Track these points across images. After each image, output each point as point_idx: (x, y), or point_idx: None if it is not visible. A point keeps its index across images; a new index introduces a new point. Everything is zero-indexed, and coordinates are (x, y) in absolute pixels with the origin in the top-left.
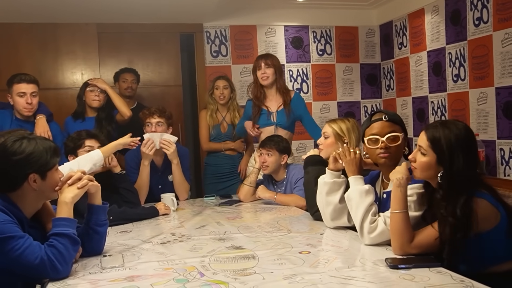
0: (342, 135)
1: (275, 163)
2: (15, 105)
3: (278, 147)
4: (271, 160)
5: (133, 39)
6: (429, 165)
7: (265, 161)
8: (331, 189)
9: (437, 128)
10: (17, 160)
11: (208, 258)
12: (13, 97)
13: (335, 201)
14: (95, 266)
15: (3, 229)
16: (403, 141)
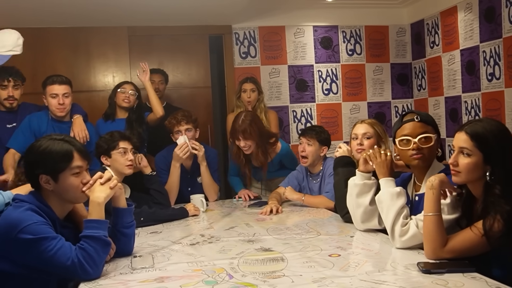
0: (383, 136)
1: (315, 154)
2: (49, 106)
3: (319, 137)
4: (311, 150)
5: (163, 41)
6: (476, 166)
7: (304, 150)
8: (362, 191)
9: (476, 125)
10: (30, 159)
11: (237, 260)
12: (47, 98)
13: (366, 203)
14: (126, 266)
15: (37, 230)
16: (436, 143)
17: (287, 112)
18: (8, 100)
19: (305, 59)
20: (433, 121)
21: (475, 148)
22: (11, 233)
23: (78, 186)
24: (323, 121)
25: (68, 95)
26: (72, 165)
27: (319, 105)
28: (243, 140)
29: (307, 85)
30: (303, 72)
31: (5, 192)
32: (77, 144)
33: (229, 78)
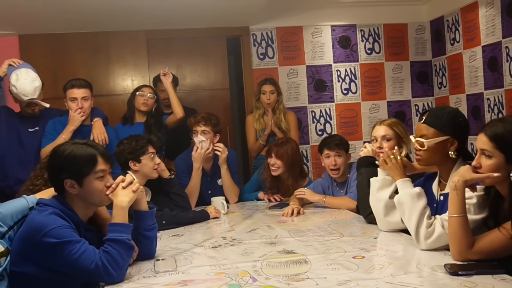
0: (403, 136)
1: (344, 164)
2: (69, 109)
3: (344, 146)
4: (341, 161)
5: (181, 44)
6: (498, 167)
7: (336, 163)
8: (382, 184)
9: (496, 126)
10: (54, 163)
11: (260, 262)
12: (67, 101)
13: (385, 196)
14: (149, 270)
15: (61, 233)
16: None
17: (306, 112)
18: (30, 107)
19: (323, 59)
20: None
21: (495, 149)
22: (35, 237)
23: (102, 190)
24: (342, 121)
25: (87, 98)
26: (97, 169)
27: (338, 105)
28: (275, 157)
29: (325, 85)
30: (322, 72)
31: (29, 196)
32: (100, 148)
33: (247, 79)
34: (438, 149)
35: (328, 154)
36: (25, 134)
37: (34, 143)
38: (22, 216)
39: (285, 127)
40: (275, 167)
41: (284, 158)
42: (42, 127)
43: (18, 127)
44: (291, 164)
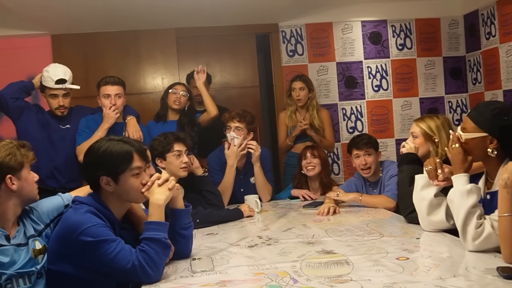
0: (432, 134)
1: (375, 163)
2: (102, 106)
3: (373, 145)
4: (372, 160)
5: (210, 42)
6: None
7: (366, 163)
8: (428, 182)
9: None
10: (90, 161)
11: (299, 263)
12: (100, 99)
13: (430, 195)
14: (186, 269)
15: (96, 232)
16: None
17: (336, 110)
18: (59, 109)
19: (353, 56)
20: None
21: None
22: (71, 236)
23: (138, 187)
24: (374, 119)
25: (120, 95)
26: (132, 166)
27: (369, 102)
28: (311, 156)
29: (356, 82)
30: (352, 69)
31: (64, 194)
32: (136, 144)
33: (276, 77)
34: (476, 146)
35: (357, 154)
36: (57, 130)
37: (64, 140)
38: (58, 214)
39: (318, 124)
40: (311, 166)
41: (321, 156)
42: (73, 124)
43: (49, 123)
44: (327, 164)
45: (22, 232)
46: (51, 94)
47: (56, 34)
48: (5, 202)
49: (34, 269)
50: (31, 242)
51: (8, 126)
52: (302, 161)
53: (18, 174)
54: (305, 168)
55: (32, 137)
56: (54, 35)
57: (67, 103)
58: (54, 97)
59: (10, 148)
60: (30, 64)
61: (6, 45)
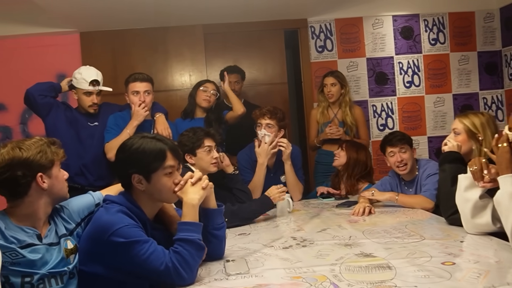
0: (476, 131)
1: (411, 159)
2: (130, 103)
3: (408, 141)
4: (407, 157)
5: (238, 38)
6: None
7: (402, 159)
8: (472, 183)
9: None
10: (121, 158)
11: (338, 266)
12: (129, 95)
13: (475, 196)
14: (219, 271)
15: (129, 233)
16: None
17: (367, 106)
18: (93, 107)
19: (384, 51)
20: None
21: None
22: (102, 236)
23: (170, 187)
24: (405, 115)
25: (149, 92)
26: (165, 165)
27: (401, 99)
28: (340, 148)
29: (387, 78)
30: (383, 65)
31: (95, 192)
32: (169, 142)
33: (305, 73)
34: None
35: (392, 151)
36: (85, 127)
37: (92, 137)
38: (89, 212)
39: (350, 121)
40: (336, 157)
41: (349, 151)
42: (102, 122)
43: (78, 120)
44: (354, 164)
45: (54, 231)
46: (85, 92)
47: (84, 32)
48: (36, 201)
49: (66, 269)
50: (63, 241)
51: (37, 123)
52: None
53: (49, 172)
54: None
55: (60, 134)
56: (83, 33)
57: (99, 100)
58: (88, 95)
59: (40, 146)
60: (59, 62)
61: (36, 43)
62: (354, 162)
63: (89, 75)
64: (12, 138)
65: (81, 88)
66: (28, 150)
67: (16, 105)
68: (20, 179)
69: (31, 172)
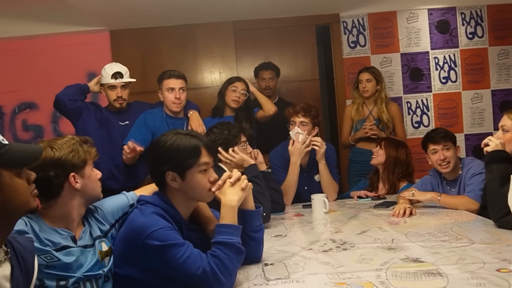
0: None
1: (455, 157)
2: (165, 100)
3: (451, 138)
4: (451, 155)
5: (269, 34)
6: None
7: (445, 157)
8: None
9: None
10: (155, 155)
11: (384, 272)
12: (163, 92)
13: None
14: (258, 276)
15: (164, 235)
16: None
17: (401, 103)
18: (118, 101)
19: (419, 46)
20: None
21: None
22: (137, 239)
23: (205, 185)
24: (441, 112)
25: (184, 89)
26: (200, 161)
27: (436, 95)
28: (379, 146)
29: (422, 73)
30: (418, 60)
31: (128, 193)
32: (204, 139)
33: (337, 69)
34: None
35: (434, 149)
36: (116, 127)
37: (123, 137)
38: (123, 213)
39: (386, 118)
40: (374, 155)
41: (389, 149)
42: (132, 121)
43: (108, 120)
44: (394, 163)
45: (88, 232)
46: (110, 86)
47: (114, 30)
48: (69, 201)
49: (101, 272)
50: (97, 243)
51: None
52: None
53: (82, 171)
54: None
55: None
56: (113, 31)
57: (126, 95)
58: (112, 89)
59: (72, 145)
60: (89, 61)
61: (66, 42)
62: (394, 161)
63: (111, 69)
64: (43, 136)
65: (105, 82)
66: (60, 149)
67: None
68: (53, 179)
69: (63, 172)
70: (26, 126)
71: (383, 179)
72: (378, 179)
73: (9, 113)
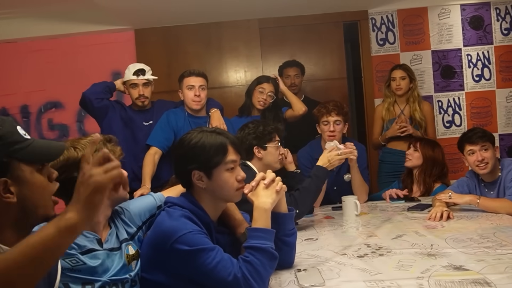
0: None
1: (493, 159)
2: (185, 98)
3: (489, 138)
4: (489, 155)
5: (295, 32)
6: None
7: (484, 159)
8: None
9: None
10: (180, 154)
11: (426, 280)
12: (183, 91)
13: None
14: (291, 282)
15: (193, 240)
16: None
17: (432, 102)
18: (140, 99)
19: (451, 43)
20: None
21: None
22: (165, 243)
23: (232, 184)
24: (474, 111)
25: (204, 87)
26: (227, 159)
27: (469, 94)
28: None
29: (454, 71)
30: (449, 57)
31: (156, 194)
32: (230, 136)
33: (365, 67)
34: None
35: (471, 150)
36: (140, 128)
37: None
38: (150, 215)
39: (419, 117)
40: (409, 158)
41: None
42: (156, 120)
43: (133, 121)
44: (432, 164)
45: (115, 235)
46: (132, 84)
47: (139, 29)
48: None
49: (128, 276)
50: (124, 246)
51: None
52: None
53: None
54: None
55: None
56: (138, 30)
57: (148, 93)
58: (134, 87)
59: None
60: (114, 60)
61: (92, 41)
62: (432, 162)
63: (134, 67)
64: (68, 136)
65: (127, 79)
66: (83, 149)
67: (72, 103)
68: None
69: None
70: (52, 125)
71: (418, 181)
72: (412, 181)
73: (35, 113)
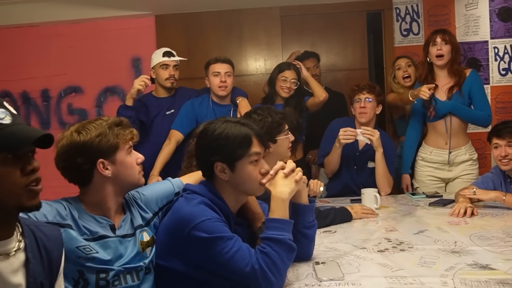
0: None
1: None
2: (211, 85)
3: None
4: None
5: (316, 20)
6: None
7: (507, 155)
8: None
9: None
10: (203, 145)
11: (451, 278)
12: (209, 77)
13: None
14: (309, 275)
15: (212, 227)
16: None
17: None
18: (170, 80)
19: (478, 35)
20: None
21: None
22: (183, 230)
23: (256, 177)
24: (499, 106)
25: (230, 74)
26: (251, 152)
27: (495, 88)
28: (441, 42)
29: (480, 64)
30: (475, 50)
31: (174, 179)
32: (254, 127)
33: (388, 58)
34: None
35: (497, 143)
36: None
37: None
38: (167, 201)
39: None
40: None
41: (452, 43)
42: (177, 109)
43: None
44: (457, 52)
45: (129, 221)
46: (162, 65)
47: (159, 15)
48: (101, 189)
49: (142, 264)
50: (138, 233)
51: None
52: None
53: (112, 157)
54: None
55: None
56: (158, 16)
57: (177, 75)
58: (165, 68)
59: (100, 128)
60: (134, 45)
61: (112, 26)
62: (458, 49)
63: (161, 50)
64: None
65: (157, 62)
66: (87, 134)
67: (92, 88)
68: (81, 166)
69: (90, 159)
70: (71, 110)
71: (450, 72)
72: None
73: (55, 97)
